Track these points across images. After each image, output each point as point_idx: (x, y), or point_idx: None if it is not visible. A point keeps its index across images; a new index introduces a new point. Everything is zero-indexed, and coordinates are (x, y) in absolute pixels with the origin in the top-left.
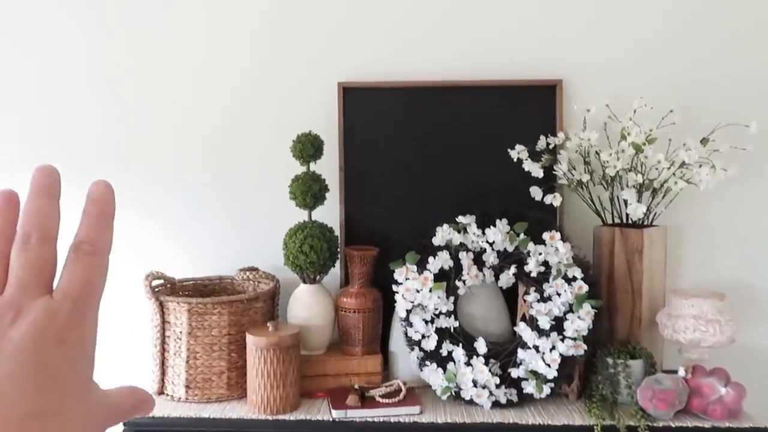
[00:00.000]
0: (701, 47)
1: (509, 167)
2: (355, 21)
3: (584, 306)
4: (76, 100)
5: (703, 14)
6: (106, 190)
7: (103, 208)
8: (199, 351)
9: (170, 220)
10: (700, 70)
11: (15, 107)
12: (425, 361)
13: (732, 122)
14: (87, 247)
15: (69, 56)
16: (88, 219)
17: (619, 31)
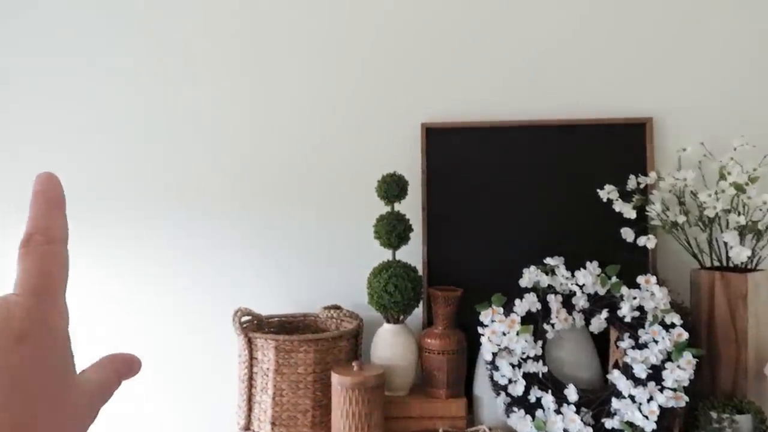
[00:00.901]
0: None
1: (596, 207)
2: (439, 62)
3: (684, 355)
4: (167, 139)
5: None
6: (48, 177)
7: (48, 194)
8: (285, 388)
9: (255, 257)
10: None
11: (93, 149)
12: (512, 407)
13: None
14: (38, 237)
15: (150, 96)
16: (35, 209)
17: (712, 66)
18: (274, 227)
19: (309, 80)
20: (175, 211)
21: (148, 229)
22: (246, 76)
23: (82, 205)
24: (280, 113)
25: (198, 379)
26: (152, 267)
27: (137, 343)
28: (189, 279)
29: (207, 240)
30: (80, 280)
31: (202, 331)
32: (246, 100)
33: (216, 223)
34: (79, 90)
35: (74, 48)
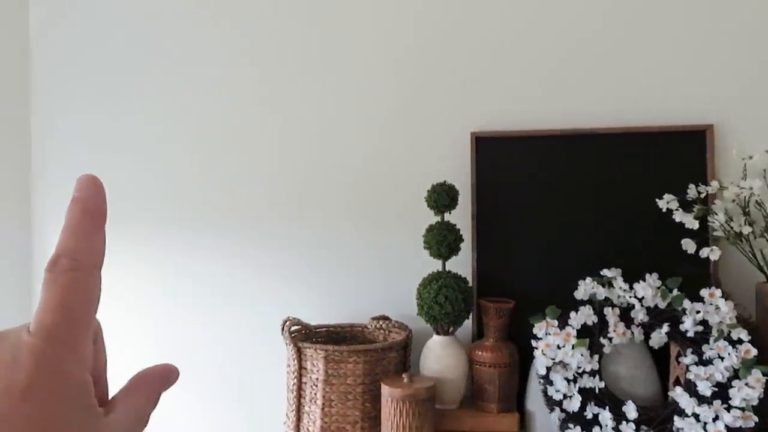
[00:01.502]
0: None
1: (655, 218)
2: (489, 69)
3: (753, 372)
4: (222, 150)
5: None
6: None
7: (87, 204)
8: (334, 399)
9: (304, 267)
10: None
11: (148, 165)
12: (568, 424)
13: None
14: (66, 261)
15: (201, 105)
16: (68, 222)
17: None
18: (323, 238)
19: (358, 90)
20: (226, 222)
21: (198, 239)
22: (296, 86)
23: (131, 214)
24: (331, 124)
25: (246, 390)
26: (201, 278)
27: (185, 354)
28: (238, 290)
29: (256, 251)
30: (128, 291)
31: (251, 342)
32: (298, 112)
33: (266, 234)
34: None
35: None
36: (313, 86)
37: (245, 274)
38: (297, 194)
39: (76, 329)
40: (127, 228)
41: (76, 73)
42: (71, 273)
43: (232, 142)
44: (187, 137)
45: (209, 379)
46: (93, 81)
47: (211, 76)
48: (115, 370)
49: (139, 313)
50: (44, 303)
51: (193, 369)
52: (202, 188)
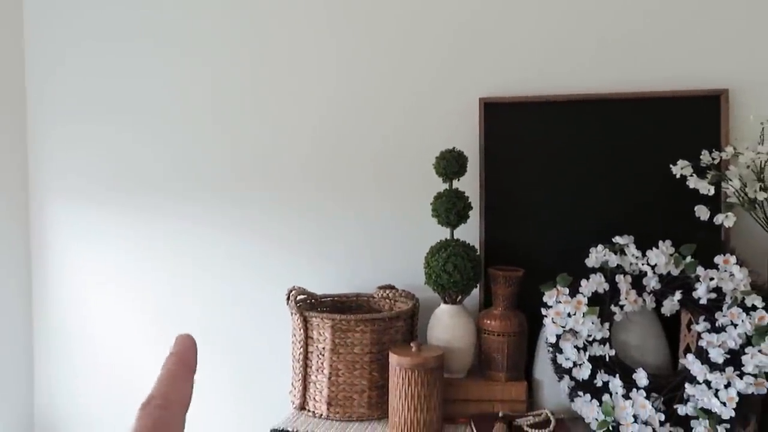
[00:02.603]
0: None
1: (668, 184)
2: (497, 34)
3: (767, 339)
4: (213, 121)
5: None
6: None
7: (182, 358)
8: (341, 368)
9: (309, 236)
10: None
11: (149, 136)
12: (577, 391)
13: None
14: (158, 401)
15: (201, 75)
16: (163, 371)
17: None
18: (329, 206)
19: (368, 59)
20: (231, 191)
21: (203, 208)
22: (307, 54)
23: (131, 187)
24: (340, 94)
25: (252, 359)
26: (206, 248)
27: (191, 323)
28: (243, 259)
29: (261, 220)
30: (136, 265)
31: (256, 311)
32: (305, 80)
33: (270, 203)
34: None
35: None
36: (323, 57)
37: (250, 243)
38: (304, 164)
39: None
40: (129, 199)
41: (71, 67)
42: (162, 411)
43: (240, 113)
44: (193, 108)
45: (215, 351)
46: (89, 82)
47: (224, 46)
48: (109, 342)
49: (144, 284)
50: None
51: (198, 340)
52: (210, 159)
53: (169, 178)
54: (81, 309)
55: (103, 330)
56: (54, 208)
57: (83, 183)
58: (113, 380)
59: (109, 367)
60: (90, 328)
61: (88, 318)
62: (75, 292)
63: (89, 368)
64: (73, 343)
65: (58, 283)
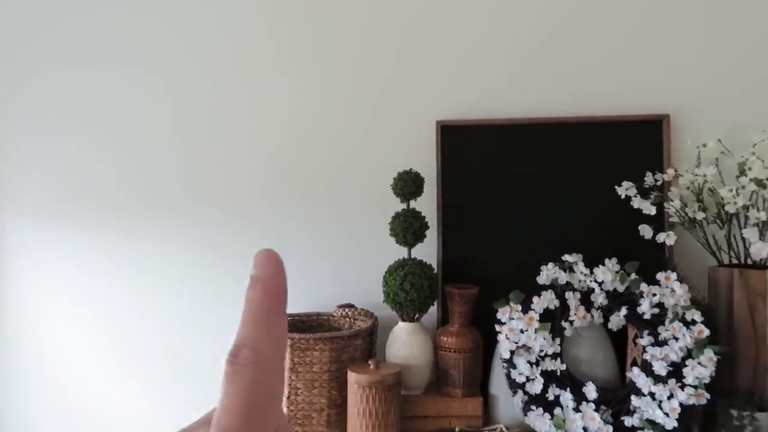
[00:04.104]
0: None
1: (614, 204)
2: (453, 59)
3: (706, 352)
4: (186, 139)
5: None
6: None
7: (267, 289)
8: (300, 387)
9: None
10: None
11: (111, 154)
12: (530, 405)
13: None
14: (247, 352)
15: (163, 95)
16: (248, 309)
17: (729, 61)
18: (287, 225)
19: (323, 79)
20: (190, 210)
21: (161, 227)
22: (264, 75)
23: (92, 206)
24: (295, 112)
25: (210, 380)
26: (164, 266)
27: (148, 344)
28: (201, 278)
29: (220, 238)
30: (94, 283)
31: (214, 331)
32: (263, 99)
33: (229, 220)
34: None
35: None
36: (282, 78)
37: (209, 263)
38: (262, 184)
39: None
40: (88, 218)
41: (34, 60)
42: (253, 367)
43: (198, 133)
44: (152, 128)
45: (173, 371)
46: (49, 102)
47: (184, 69)
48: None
49: (101, 303)
50: (225, 402)
51: (154, 362)
52: (168, 178)
53: (128, 197)
54: (38, 327)
55: (59, 348)
56: (12, 225)
57: (42, 201)
58: (69, 403)
59: (64, 388)
60: (46, 346)
61: (44, 337)
62: (30, 310)
63: (44, 389)
64: (28, 363)
65: (12, 301)
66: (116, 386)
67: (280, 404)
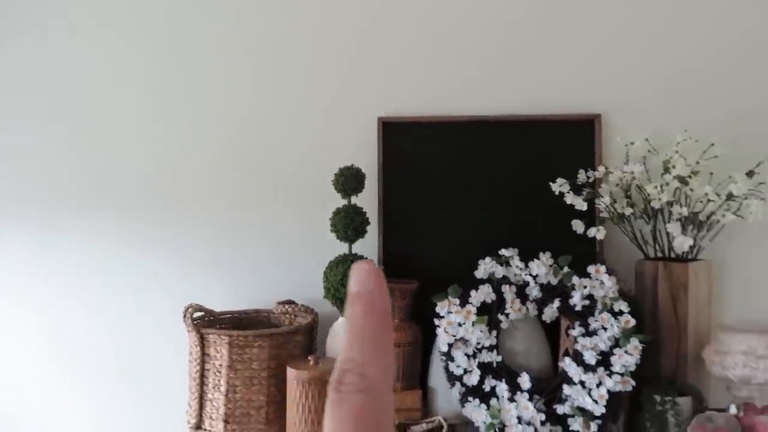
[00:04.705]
0: (744, 80)
1: (550, 201)
2: (395, 56)
3: (632, 341)
4: (112, 137)
5: (744, 48)
6: (371, 275)
7: (371, 307)
8: (238, 384)
9: (206, 252)
10: (742, 102)
11: (47, 149)
12: (467, 397)
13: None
14: (353, 377)
15: (107, 94)
16: (352, 329)
17: (657, 64)
18: (227, 222)
19: (266, 75)
20: (126, 206)
21: (97, 224)
22: (203, 72)
23: (27, 205)
24: (234, 109)
25: (148, 378)
26: (101, 263)
27: (83, 341)
28: (139, 276)
29: (158, 236)
30: (36, 282)
31: (154, 329)
32: (202, 96)
33: (167, 218)
34: None
35: None
36: (221, 70)
37: (150, 259)
38: (202, 179)
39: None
40: (33, 215)
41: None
42: (360, 394)
43: (146, 129)
44: (100, 123)
45: (109, 369)
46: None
47: (136, 66)
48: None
49: (30, 307)
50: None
51: (90, 363)
52: (112, 175)
53: (73, 194)
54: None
55: None
56: None
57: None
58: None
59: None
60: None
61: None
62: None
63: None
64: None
65: None
66: (58, 388)
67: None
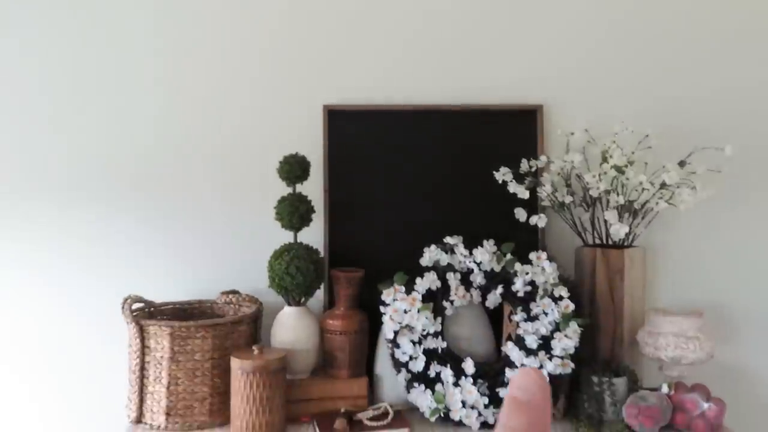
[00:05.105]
0: (677, 73)
1: (494, 189)
2: (342, 45)
3: (571, 325)
4: (47, 124)
5: (678, 41)
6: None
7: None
8: (180, 376)
9: (149, 242)
10: (676, 94)
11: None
12: (413, 383)
13: (708, 145)
14: None
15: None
16: None
17: (597, 57)
18: (167, 211)
19: (210, 62)
20: (63, 195)
21: (33, 212)
22: (144, 57)
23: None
24: (176, 96)
25: (85, 372)
26: (36, 252)
27: (20, 333)
28: (78, 267)
29: (97, 225)
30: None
31: (90, 321)
32: (142, 83)
33: (104, 206)
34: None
35: None
36: (169, 60)
37: (88, 250)
38: (145, 168)
39: None
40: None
41: None
42: None
43: (66, 114)
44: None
45: (46, 363)
46: None
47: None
48: None
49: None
50: None
51: (26, 356)
52: (45, 163)
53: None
54: None
55: None
56: None
57: None
58: None
59: None
60: None
61: None
62: None
63: None
64: None
65: None
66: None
67: None
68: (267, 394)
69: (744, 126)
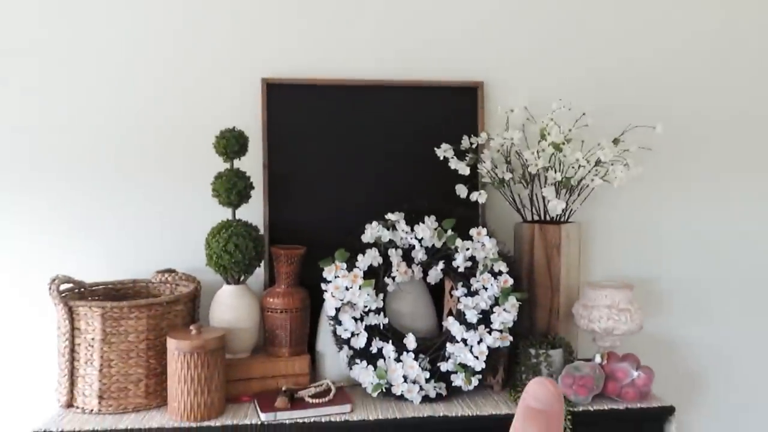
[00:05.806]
0: (613, 51)
1: (435, 166)
2: (281, 16)
3: (510, 299)
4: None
5: (614, 21)
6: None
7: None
8: (113, 358)
9: (79, 220)
10: (611, 73)
11: None
12: (355, 360)
13: (640, 124)
14: None
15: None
16: None
17: (536, 35)
18: (101, 188)
19: (144, 30)
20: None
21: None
22: (73, 28)
23: None
24: (107, 68)
25: (12, 356)
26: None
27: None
28: (5, 246)
29: (26, 203)
30: None
31: (19, 303)
32: (70, 55)
33: (37, 184)
34: None
35: None
36: (105, 36)
37: (11, 228)
38: (73, 142)
39: None
40: None
41: None
42: None
43: (16, 93)
44: None
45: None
46: None
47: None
48: None
49: None
50: None
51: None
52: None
53: None
54: None
55: None
56: None
57: None
58: None
59: None
60: None
61: None
62: None
63: None
64: None
65: None
66: None
67: None
68: (205, 374)
69: (675, 104)
